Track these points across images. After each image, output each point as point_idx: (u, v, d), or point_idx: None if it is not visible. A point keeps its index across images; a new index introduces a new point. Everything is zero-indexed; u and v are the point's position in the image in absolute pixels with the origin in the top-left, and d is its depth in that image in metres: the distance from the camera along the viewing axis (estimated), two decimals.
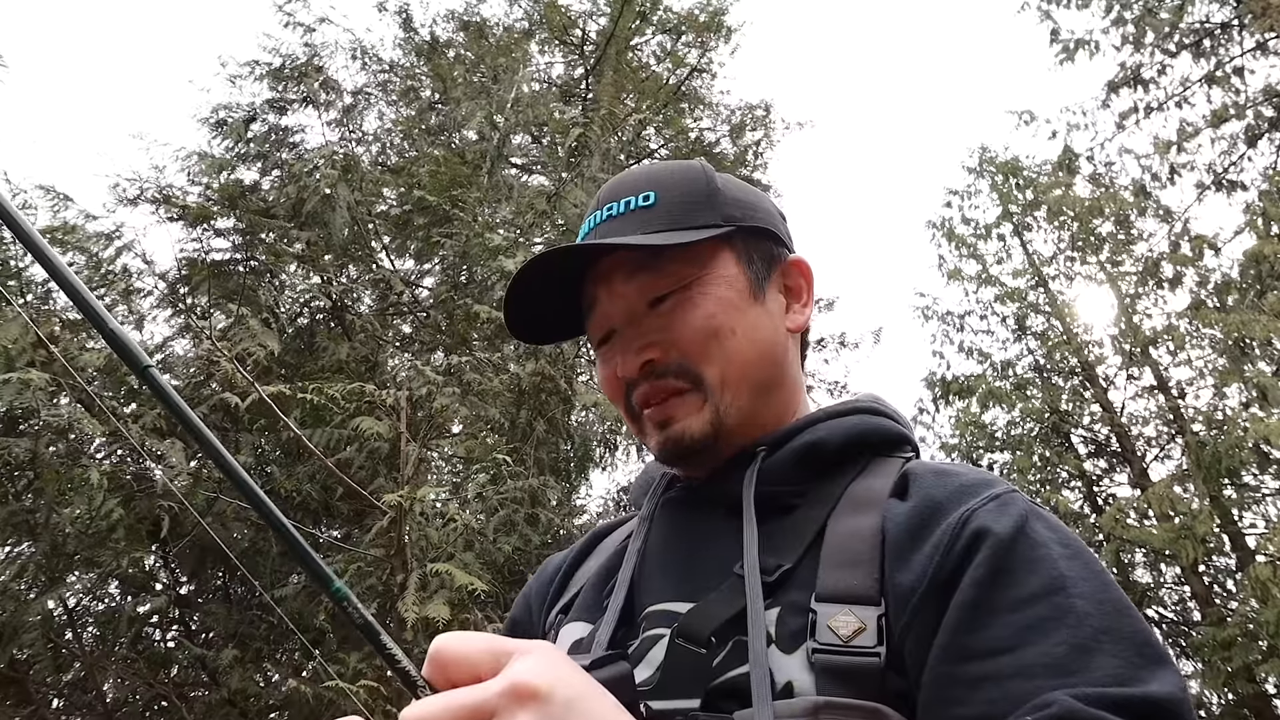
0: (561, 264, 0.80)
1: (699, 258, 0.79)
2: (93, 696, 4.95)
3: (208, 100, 6.64)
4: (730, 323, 0.77)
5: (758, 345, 0.79)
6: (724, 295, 0.78)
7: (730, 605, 0.67)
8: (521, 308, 0.82)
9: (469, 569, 4.51)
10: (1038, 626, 0.59)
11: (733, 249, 0.81)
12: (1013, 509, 0.68)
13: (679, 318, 0.77)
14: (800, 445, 0.76)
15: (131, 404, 5.04)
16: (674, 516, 0.81)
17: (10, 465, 4.65)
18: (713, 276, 0.79)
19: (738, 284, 0.80)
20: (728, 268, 0.80)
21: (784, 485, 0.75)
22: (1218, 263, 11.16)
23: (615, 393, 0.82)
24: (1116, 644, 0.59)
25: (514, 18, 10.13)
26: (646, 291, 0.78)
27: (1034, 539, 0.66)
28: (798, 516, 0.72)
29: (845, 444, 0.76)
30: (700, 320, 0.77)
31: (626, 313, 0.79)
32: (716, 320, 0.77)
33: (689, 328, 0.77)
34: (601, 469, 7.56)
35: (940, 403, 12.31)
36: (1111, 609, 0.61)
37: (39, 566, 4.63)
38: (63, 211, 5.51)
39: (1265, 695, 8.94)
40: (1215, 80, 11.22)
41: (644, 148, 10.01)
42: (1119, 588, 0.64)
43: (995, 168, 13.43)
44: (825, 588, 0.65)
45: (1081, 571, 0.64)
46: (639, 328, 0.79)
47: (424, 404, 5.09)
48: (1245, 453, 8.93)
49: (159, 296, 5.85)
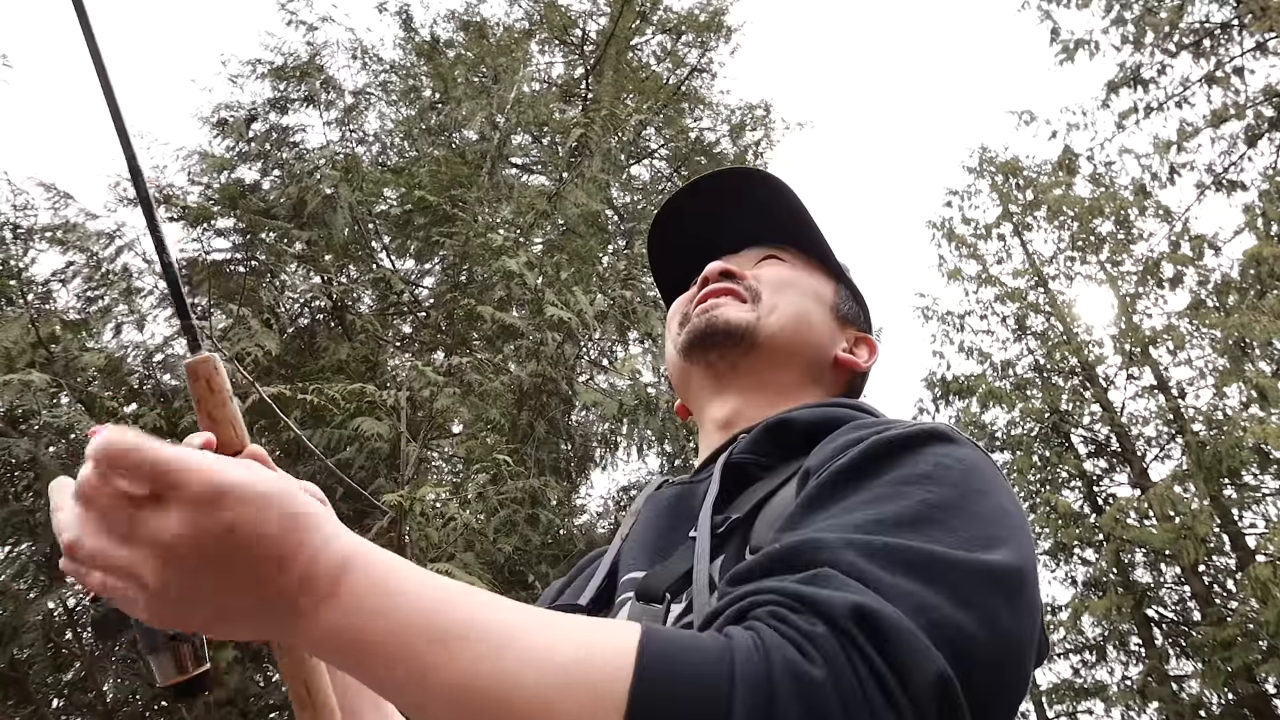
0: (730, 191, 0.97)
1: (813, 267, 0.95)
2: (93, 696, 4.95)
3: (209, 99, 6.63)
4: (801, 292, 0.91)
5: (810, 326, 0.91)
6: (810, 282, 0.93)
7: (684, 563, 0.70)
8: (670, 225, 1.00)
9: (469, 569, 4.51)
10: (870, 502, 0.57)
11: (837, 284, 0.97)
12: (922, 427, 0.66)
13: (774, 267, 0.93)
14: (771, 421, 0.79)
15: (131, 404, 5.04)
16: (658, 505, 0.85)
17: (11, 465, 4.65)
18: (814, 274, 0.95)
19: (826, 291, 0.95)
20: (826, 283, 0.96)
21: (753, 455, 0.77)
22: (1218, 263, 11.18)
23: (678, 311, 0.94)
24: (947, 531, 0.55)
25: (514, 18, 10.14)
26: (764, 254, 0.95)
27: (922, 447, 0.63)
28: (759, 485, 0.74)
29: (812, 424, 0.77)
30: (786, 274, 0.92)
31: (737, 255, 0.96)
32: (797, 284, 0.92)
33: (773, 274, 0.92)
34: (601, 469, 7.56)
35: (940, 403, 12.32)
36: (969, 510, 0.57)
37: (39, 566, 4.63)
38: (63, 210, 5.50)
39: (1265, 695, 8.95)
40: (1215, 80, 11.22)
41: (644, 148, 10.01)
42: (1010, 503, 0.60)
43: (995, 168, 13.44)
44: (756, 540, 0.67)
45: (959, 480, 0.60)
46: (739, 261, 0.94)
47: (424, 404, 5.09)
48: (1245, 453, 8.94)
49: (159, 296, 5.85)
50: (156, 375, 5.36)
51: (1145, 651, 10.23)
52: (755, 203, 0.96)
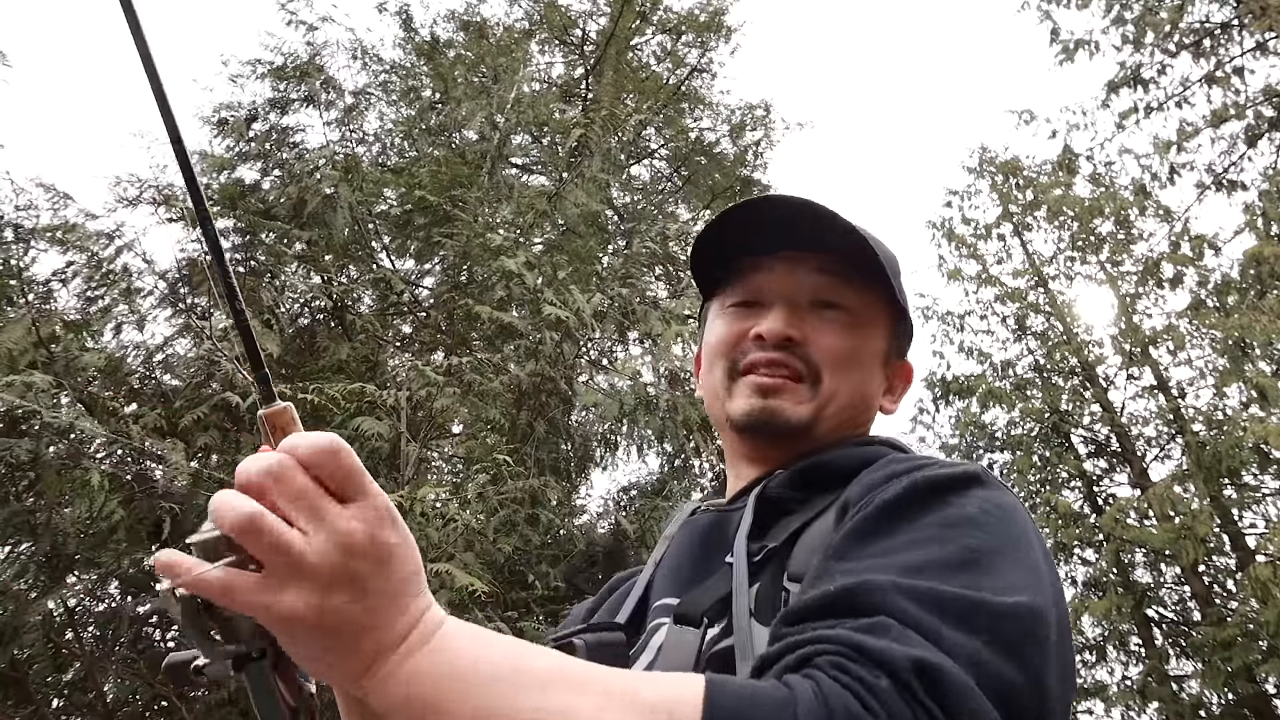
0: (797, 215, 0.86)
1: (874, 303, 0.89)
2: (93, 696, 4.95)
3: (209, 99, 6.63)
4: (861, 363, 0.87)
5: (865, 396, 0.88)
6: (869, 346, 0.88)
7: (720, 589, 0.72)
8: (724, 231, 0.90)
9: (469, 569, 4.51)
10: (918, 543, 0.59)
11: (890, 321, 0.91)
12: (960, 469, 0.68)
13: (833, 329, 0.86)
14: (807, 464, 0.81)
15: (132, 404, 5.04)
16: (692, 532, 0.86)
17: (11, 466, 4.65)
18: (869, 325, 0.89)
19: (880, 346, 0.90)
20: (881, 329, 0.90)
21: (786, 491, 0.79)
22: (1218, 263, 11.17)
23: (730, 347, 0.88)
24: (991, 576, 0.57)
25: (514, 18, 10.13)
26: (820, 292, 0.87)
27: (962, 491, 0.65)
28: (794, 516, 0.76)
29: (849, 465, 0.79)
30: (848, 344, 0.86)
31: (794, 293, 0.87)
32: (856, 353, 0.87)
33: (837, 342, 0.86)
34: (601, 469, 7.56)
35: (940, 403, 12.33)
36: (1010, 558, 0.59)
37: (39, 566, 4.63)
38: (63, 210, 5.50)
39: (1265, 695, 8.94)
40: (1215, 80, 11.22)
41: (644, 148, 10.02)
42: (1042, 558, 0.62)
43: (995, 168, 13.43)
44: (795, 568, 0.69)
45: (999, 527, 0.62)
46: (798, 311, 0.86)
47: (424, 404, 5.09)
48: (1245, 453, 8.93)
49: (159, 296, 5.84)
50: (156, 375, 5.36)
51: (1145, 651, 10.23)
52: (818, 215, 0.87)
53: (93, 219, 5.55)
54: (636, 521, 6.42)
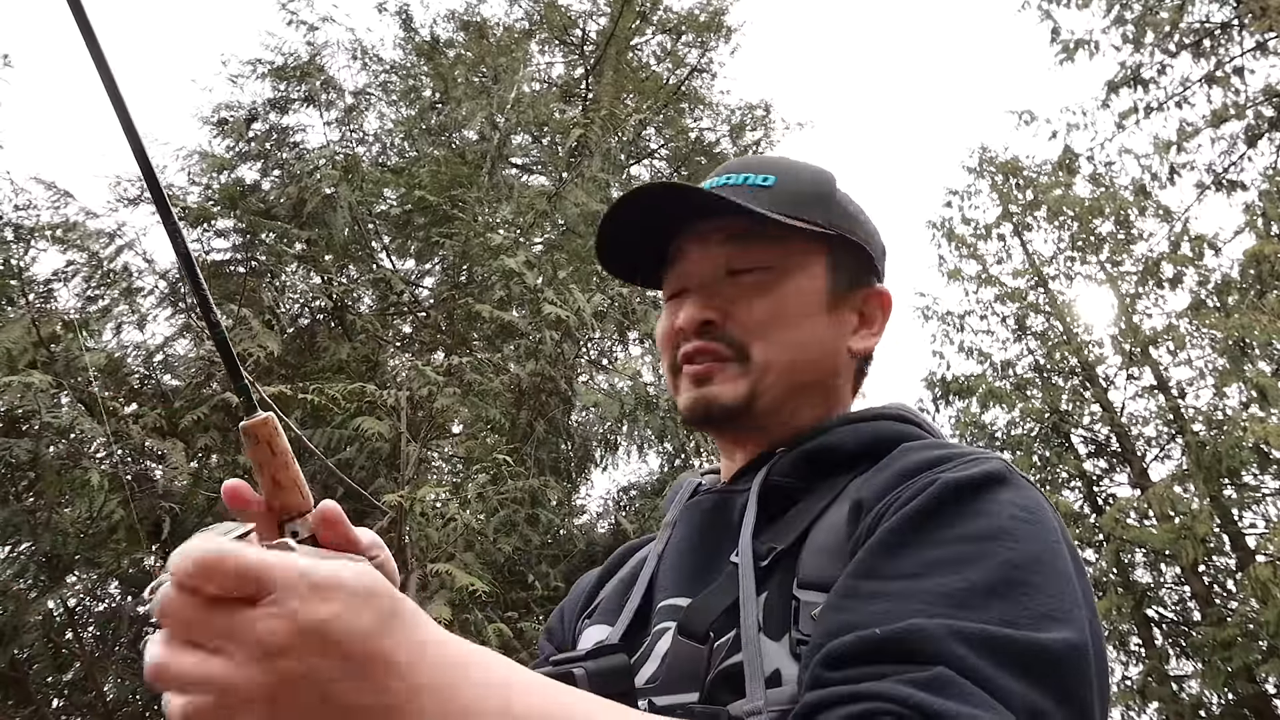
0: (664, 203, 0.82)
1: (791, 249, 0.82)
2: (93, 696, 4.95)
3: (209, 99, 6.63)
4: (793, 318, 0.80)
5: (811, 349, 0.81)
6: (799, 291, 0.81)
7: (726, 596, 0.69)
8: (617, 233, 0.85)
9: (469, 569, 4.51)
10: (952, 562, 0.57)
11: (825, 254, 0.83)
12: (984, 466, 0.65)
13: (750, 295, 0.80)
14: (813, 446, 0.78)
15: (132, 404, 5.04)
16: (693, 518, 0.83)
17: (11, 466, 4.65)
18: (796, 271, 0.81)
19: (816, 287, 0.82)
20: (813, 269, 0.82)
21: (792, 479, 0.76)
22: (1218, 263, 11.17)
23: (667, 344, 0.85)
24: (1032, 596, 0.56)
25: (514, 18, 10.14)
26: (733, 260, 0.81)
27: (990, 494, 0.63)
28: (800, 508, 0.74)
29: (858, 448, 0.76)
30: (768, 304, 0.80)
31: (707, 273, 0.82)
32: (782, 310, 0.80)
33: (755, 307, 0.80)
34: (601, 469, 7.56)
35: (940, 403, 12.32)
36: (1048, 570, 0.58)
37: (39, 567, 4.63)
38: (63, 208, 5.50)
39: (1265, 695, 8.94)
40: (1215, 80, 11.22)
41: (644, 148, 10.02)
42: (1072, 564, 0.61)
43: (995, 168, 13.43)
44: (805, 574, 0.67)
45: (1031, 534, 0.60)
46: (711, 290, 0.81)
47: (424, 404, 5.09)
48: (1245, 453, 8.93)
49: (159, 296, 5.84)
50: (156, 375, 5.36)
51: (1145, 651, 10.23)
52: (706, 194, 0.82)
53: (93, 218, 5.55)
54: (636, 521, 6.42)
